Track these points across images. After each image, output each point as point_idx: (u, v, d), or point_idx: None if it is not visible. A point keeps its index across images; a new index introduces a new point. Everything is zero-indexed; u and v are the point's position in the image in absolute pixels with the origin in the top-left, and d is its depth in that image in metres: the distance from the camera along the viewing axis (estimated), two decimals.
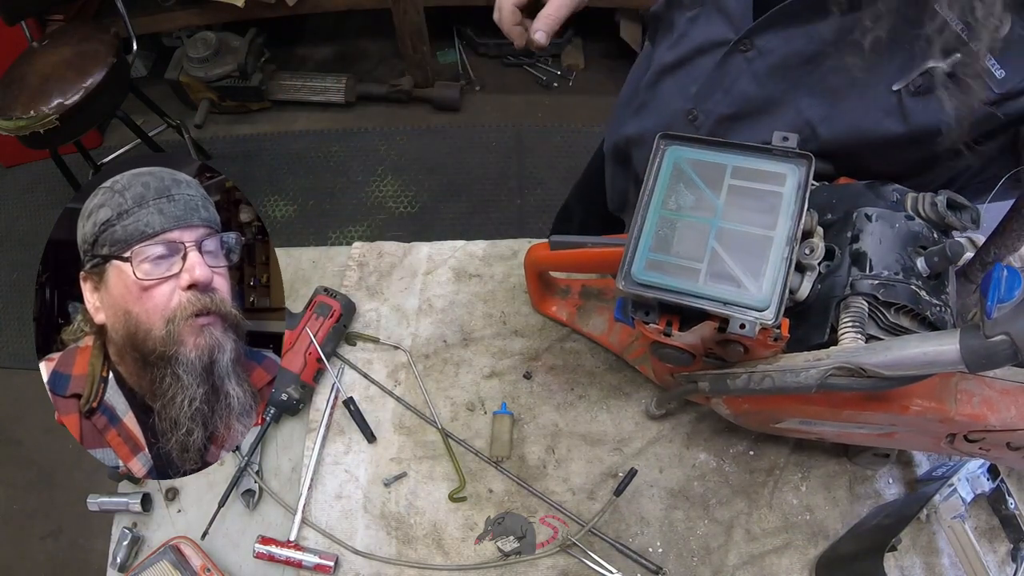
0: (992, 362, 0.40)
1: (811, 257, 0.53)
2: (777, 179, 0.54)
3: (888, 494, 0.75)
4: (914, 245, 0.55)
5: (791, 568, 0.71)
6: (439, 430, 0.79)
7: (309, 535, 0.73)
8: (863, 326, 0.51)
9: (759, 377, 0.54)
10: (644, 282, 0.54)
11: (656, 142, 0.57)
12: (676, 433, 0.79)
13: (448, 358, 0.84)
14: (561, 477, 0.77)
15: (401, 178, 2.34)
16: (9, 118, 1.72)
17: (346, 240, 2.23)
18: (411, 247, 0.94)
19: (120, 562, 0.72)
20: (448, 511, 0.75)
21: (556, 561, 0.72)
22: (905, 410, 0.52)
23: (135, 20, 2.03)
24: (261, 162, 2.43)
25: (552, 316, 0.85)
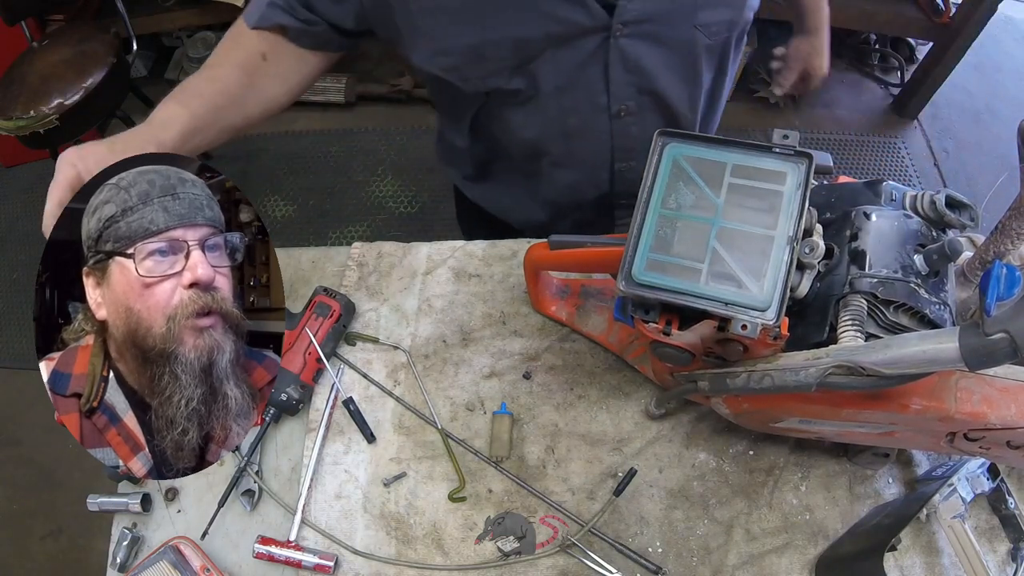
0: (992, 360, 0.40)
1: (811, 256, 0.53)
2: (777, 178, 0.54)
3: (888, 494, 0.75)
4: (913, 243, 0.55)
5: (791, 568, 0.71)
6: (439, 430, 0.79)
7: (309, 535, 0.73)
8: (862, 324, 0.51)
9: (758, 376, 0.54)
10: (645, 282, 0.54)
11: (655, 139, 0.57)
12: (676, 433, 0.79)
13: (448, 358, 0.84)
14: (561, 477, 0.77)
15: (401, 178, 2.34)
16: (9, 118, 1.73)
17: (346, 240, 2.23)
18: (411, 247, 0.94)
19: (120, 562, 0.72)
20: (448, 511, 0.75)
21: (556, 561, 0.72)
22: (905, 409, 0.52)
23: (135, 20, 2.04)
24: (261, 162, 2.43)
25: (552, 316, 0.85)
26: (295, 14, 0.78)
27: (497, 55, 0.75)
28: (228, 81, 0.76)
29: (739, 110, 2.53)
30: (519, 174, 0.99)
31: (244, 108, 0.78)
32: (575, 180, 0.94)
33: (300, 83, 0.84)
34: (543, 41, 0.74)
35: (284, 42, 0.80)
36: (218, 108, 0.75)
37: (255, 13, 0.78)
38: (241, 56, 0.78)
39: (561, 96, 0.80)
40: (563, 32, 0.73)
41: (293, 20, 0.78)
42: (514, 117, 0.85)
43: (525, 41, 0.74)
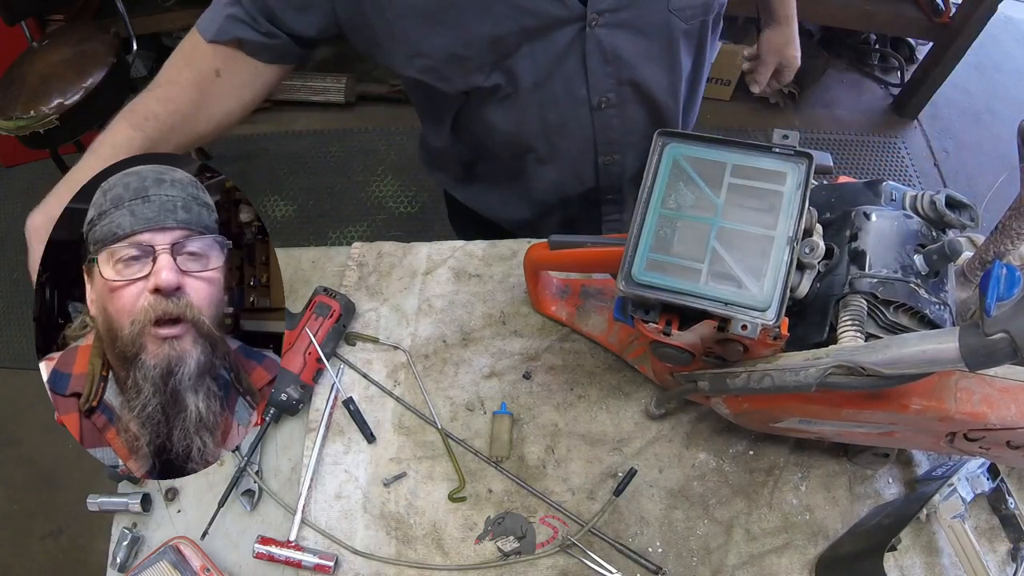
0: (992, 360, 0.40)
1: (811, 256, 0.53)
2: (777, 178, 0.54)
3: (888, 494, 0.75)
4: (913, 243, 0.55)
5: (791, 568, 0.71)
6: (439, 430, 0.79)
7: (309, 535, 0.73)
8: (862, 324, 0.51)
9: (758, 376, 0.54)
10: (645, 282, 0.54)
11: (655, 139, 0.57)
12: (676, 433, 0.79)
13: (447, 358, 0.84)
14: (561, 477, 0.77)
15: (401, 178, 2.34)
16: (9, 118, 1.73)
17: (346, 240, 2.23)
18: (410, 247, 0.94)
19: (120, 562, 0.72)
20: (448, 511, 0.75)
21: (556, 561, 0.72)
22: (905, 409, 0.52)
23: (135, 20, 2.04)
24: (261, 162, 2.43)
25: (552, 316, 0.85)
26: (257, 27, 0.77)
27: (474, 53, 0.75)
28: (181, 101, 0.75)
29: (739, 110, 2.53)
30: (504, 173, 0.99)
31: (196, 127, 0.77)
32: (559, 176, 0.94)
33: (254, 98, 0.83)
34: (519, 35, 0.74)
35: (240, 56, 0.79)
36: (171, 129, 0.74)
37: (212, 26, 0.77)
38: (194, 74, 0.77)
39: (540, 90, 0.81)
40: (538, 25, 0.73)
41: (254, 33, 0.77)
42: (495, 115, 0.85)
43: (501, 37, 0.74)
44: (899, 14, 2.28)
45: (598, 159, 0.91)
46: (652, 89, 0.84)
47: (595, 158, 0.91)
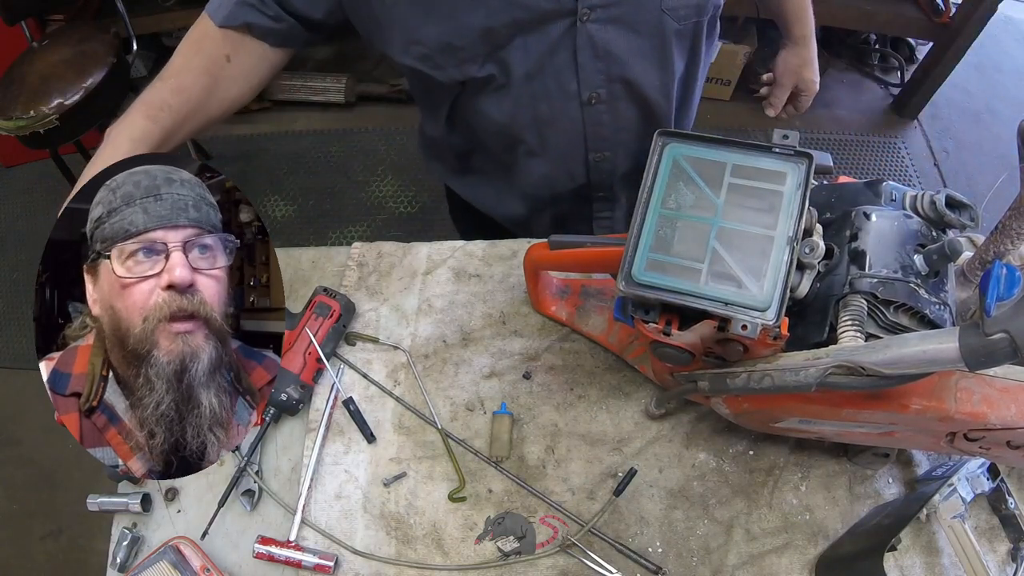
0: (992, 360, 0.40)
1: (811, 256, 0.53)
2: (777, 178, 0.54)
3: (888, 494, 0.75)
4: (913, 243, 0.55)
5: (791, 568, 0.71)
6: (439, 430, 0.79)
7: (309, 535, 0.73)
8: (862, 324, 0.51)
9: (758, 376, 0.54)
10: (645, 283, 0.54)
11: (655, 139, 0.57)
12: (676, 433, 0.79)
13: (448, 358, 0.84)
14: (561, 477, 0.77)
15: (401, 178, 2.34)
16: (9, 118, 1.73)
17: (346, 240, 2.23)
18: (410, 247, 0.94)
19: (120, 562, 0.72)
20: (448, 511, 0.75)
21: (556, 561, 0.72)
22: (905, 409, 0.52)
23: (135, 20, 2.04)
24: (261, 162, 2.43)
25: (552, 316, 0.85)
26: (265, 10, 0.78)
27: (467, 43, 0.76)
28: (194, 90, 0.77)
29: (739, 110, 2.53)
30: (497, 165, 1.00)
31: (209, 112, 0.79)
32: (549, 170, 0.94)
33: (261, 81, 0.85)
34: (511, 27, 0.75)
35: (248, 41, 0.80)
36: (185, 117, 0.76)
37: (222, 11, 0.78)
38: (205, 61, 0.78)
39: (532, 83, 0.81)
40: (530, 18, 0.74)
41: (262, 17, 0.78)
42: (488, 105, 0.85)
43: (493, 29, 0.74)
44: (899, 14, 2.28)
45: (588, 155, 0.91)
46: (643, 87, 0.84)
47: (585, 154, 0.91)
